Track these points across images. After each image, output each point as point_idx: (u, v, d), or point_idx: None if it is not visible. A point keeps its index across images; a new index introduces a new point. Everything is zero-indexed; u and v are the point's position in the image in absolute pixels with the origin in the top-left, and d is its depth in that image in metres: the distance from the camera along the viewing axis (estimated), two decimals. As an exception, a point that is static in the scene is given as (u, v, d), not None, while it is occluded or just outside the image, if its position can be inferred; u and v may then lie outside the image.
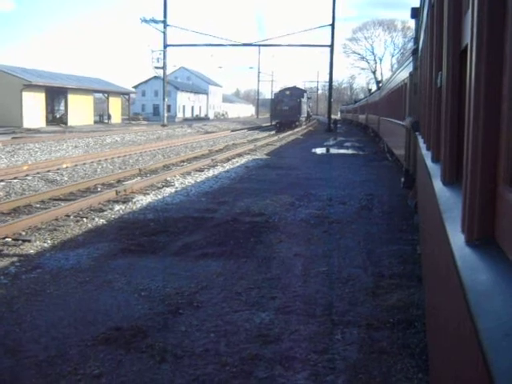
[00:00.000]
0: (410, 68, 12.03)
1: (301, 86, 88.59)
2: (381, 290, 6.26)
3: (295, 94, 52.87)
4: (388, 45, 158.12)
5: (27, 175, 15.23)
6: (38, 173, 15.72)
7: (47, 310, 5.54)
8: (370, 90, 49.90)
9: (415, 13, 11.02)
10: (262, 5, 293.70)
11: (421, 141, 6.77)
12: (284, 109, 49.34)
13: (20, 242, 8.16)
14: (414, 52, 11.48)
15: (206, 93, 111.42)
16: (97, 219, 9.89)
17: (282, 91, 55.78)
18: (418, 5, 9.89)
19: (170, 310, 5.57)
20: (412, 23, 14.35)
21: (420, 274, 6.29)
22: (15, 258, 7.36)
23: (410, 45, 16.52)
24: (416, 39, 11.61)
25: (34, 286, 6.23)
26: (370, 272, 6.97)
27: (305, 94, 57.20)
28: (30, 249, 7.85)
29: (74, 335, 4.94)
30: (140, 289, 6.21)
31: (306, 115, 57.78)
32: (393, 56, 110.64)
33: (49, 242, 8.28)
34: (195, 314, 5.49)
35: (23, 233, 8.67)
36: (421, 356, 4.56)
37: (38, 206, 11.02)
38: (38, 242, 8.19)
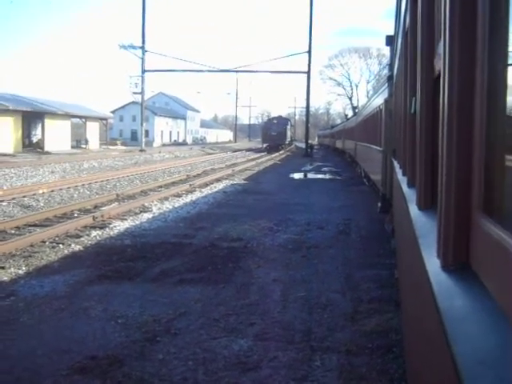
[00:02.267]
0: (385, 94, 12.23)
1: (280, 112, 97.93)
2: (359, 315, 6.26)
3: (281, 122, 65.39)
4: (364, 71, 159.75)
5: (2, 201, 14.98)
6: (13, 198, 15.49)
7: (20, 340, 5.41)
8: (346, 116, 50.74)
9: (390, 40, 11.25)
10: (241, 30, 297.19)
11: (397, 166, 6.84)
12: (273, 134, 61.22)
13: (-7, 269, 8.00)
14: (389, 78, 11.69)
15: (184, 118, 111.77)
16: (73, 245, 9.76)
17: (271, 120, 68.84)
18: (392, 33, 10.10)
19: (148, 338, 5.49)
20: (387, 50, 14.64)
21: (398, 299, 6.30)
22: (-12, 286, 7.20)
23: (385, 71, 16.80)
24: (391, 66, 11.83)
25: (7, 315, 6.09)
26: (348, 297, 6.97)
27: (288, 122, 70.18)
28: (4, 276, 7.69)
29: (47, 365, 4.82)
30: (117, 316, 6.11)
31: (289, 139, 71.43)
32: (368, 82, 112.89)
33: (24, 268, 8.13)
34: (173, 341, 5.42)
35: (-3, 260, 8.50)
36: (400, 382, 4.54)
37: (12, 232, 10.84)
38: (12, 269, 8.03)
